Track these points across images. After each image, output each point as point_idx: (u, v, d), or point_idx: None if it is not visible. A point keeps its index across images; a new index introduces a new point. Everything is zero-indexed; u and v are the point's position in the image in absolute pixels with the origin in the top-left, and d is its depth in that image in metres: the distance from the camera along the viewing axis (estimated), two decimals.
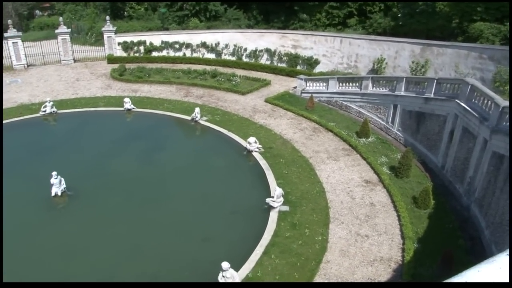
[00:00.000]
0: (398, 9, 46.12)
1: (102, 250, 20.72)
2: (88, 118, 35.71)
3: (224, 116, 35.22)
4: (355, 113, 34.75)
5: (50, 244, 21.11)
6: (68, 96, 40.28)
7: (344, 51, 43.25)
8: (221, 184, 26.23)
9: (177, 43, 51.02)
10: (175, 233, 21.91)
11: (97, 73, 47.19)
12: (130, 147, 30.81)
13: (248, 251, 19.97)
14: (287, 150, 29.67)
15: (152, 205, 24.14)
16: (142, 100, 38.97)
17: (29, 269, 19.47)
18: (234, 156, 29.49)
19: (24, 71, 47.70)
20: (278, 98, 38.26)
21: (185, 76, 44.69)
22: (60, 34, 49.38)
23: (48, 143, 31.90)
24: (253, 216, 23.03)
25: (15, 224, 22.34)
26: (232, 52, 49.73)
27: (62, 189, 24.84)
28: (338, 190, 25.01)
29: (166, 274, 19.22)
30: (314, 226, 21.81)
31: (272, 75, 45.19)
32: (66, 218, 23.55)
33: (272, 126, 33.40)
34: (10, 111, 36.56)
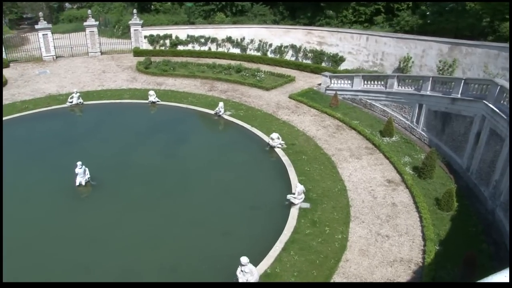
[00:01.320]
0: (426, 7, 45.36)
1: (123, 240, 21.05)
2: (113, 110, 36.25)
3: (248, 111, 35.28)
4: (379, 111, 34.41)
5: (72, 232, 21.53)
6: (94, 88, 40.91)
7: (370, 48, 42.80)
8: (242, 179, 26.33)
9: (202, 37, 51.27)
10: (195, 226, 22.08)
11: (123, 66, 47.78)
12: (153, 139, 31.14)
13: (267, 247, 20.02)
14: (310, 147, 29.58)
15: (173, 197, 24.41)
16: (166, 93, 39.31)
17: (51, 257, 19.94)
18: (256, 151, 29.54)
19: (52, 63, 48.63)
20: (302, 95, 38.14)
21: (210, 71, 44.91)
22: (88, 27, 50.18)
23: (74, 133, 32.47)
24: (274, 212, 23.06)
25: (39, 212, 22.95)
26: (257, 48, 49.72)
27: (86, 179, 25.30)
28: (359, 189, 24.85)
29: (185, 267, 19.44)
30: (335, 224, 21.74)
31: (296, 72, 45.05)
32: (89, 207, 23.98)
33: (296, 122, 33.32)
34: (39, 101, 37.40)
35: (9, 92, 39.77)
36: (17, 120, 34.01)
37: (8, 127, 32.76)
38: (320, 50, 46.07)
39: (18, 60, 48.86)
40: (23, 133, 32.31)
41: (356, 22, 51.84)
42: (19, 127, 33.10)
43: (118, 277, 18.71)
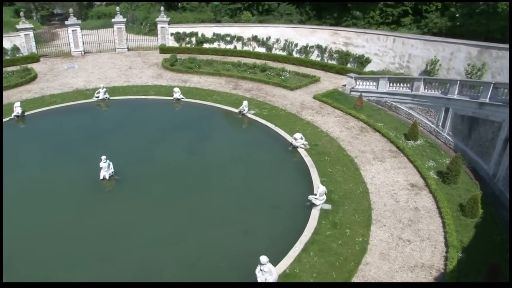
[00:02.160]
0: (456, 9, 44.65)
1: (144, 235, 21.33)
2: (139, 106, 36.69)
3: (272, 111, 35.29)
4: (405, 114, 34.02)
5: (95, 225, 21.94)
6: (120, 84, 41.50)
7: (397, 50, 42.33)
8: (264, 178, 26.35)
9: (228, 36, 51.48)
10: (216, 223, 22.22)
11: (149, 62, 48.31)
12: (177, 136, 31.43)
13: (287, 247, 20.01)
14: (333, 148, 29.43)
15: (195, 194, 24.60)
16: (191, 90, 39.59)
17: (73, 248, 20.31)
18: (279, 151, 29.53)
19: (81, 58, 49.49)
20: (326, 96, 37.96)
21: (235, 69, 45.07)
22: (116, 23, 50.90)
23: (99, 128, 33.01)
24: (295, 212, 23.04)
25: (63, 203, 23.49)
26: (283, 47, 49.67)
27: (110, 173, 25.70)
28: (382, 192, 24.63)
29: (204, 264, 19.58)
30: (356, 227, 21.60)
31: (321, 72, 44.85)
32: (111, 201, 24.39)
33: (319, 123, 33.20)
34: (66, 96, 38.16)
35: (39, 86, 40.70)
36: (45, 114, 34.82)
37: (36, 120, 33.70)
38: (346, 51, 45.77)
39: (48, 55, 49.93)
40: (50, 126, 33.05)
41: (383, 24, 51.41)
42: (47, 120, 33.90)
43: (137, 271, 19.01)
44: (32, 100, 37.10)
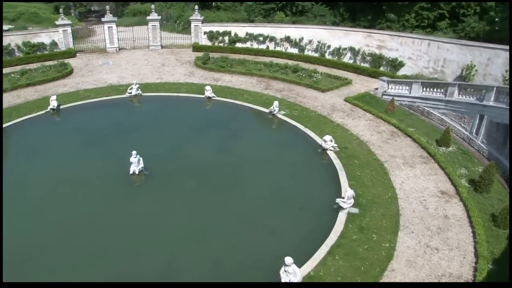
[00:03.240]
0: (495, 13, 43.47)
1: (171, 230, 21.66)
2: (170, 103, 37.22)
3: (302, 112, 35.21)
4: (437, 120, 33.44)
5: (123, 219, 22.42)
6: (153, 80, 42.11)
7: (431, 54, 41.59)
8: (292, 179, 26.34)
9: (261, 36, 51.60)
10: (242, 222, 22.36)
11: (181, 60, 48.87)
12: (207, 134, 31.71)
13: (312, 249, 19.97)
14: (363, 151, 29.18)
15: (223, 192, 24.81)
16: (222, 89, 39.86)
17: (100, 240, 20.81)
18: (308, 152, 29.46)
19: (115, 54, 50.47)
20: (358, 98, 37.63)
21: (267, 69, 45.14)
22: (151, 21, 51.73)
23: (131, 123, 33.60)
24: (321, 215, 22.96)
25: (93, 196, 24.08)
26: (315, 49, 49.46)
27: (140, 168, 26.14)
28: (411, 198, 24.28)
29: (229, 261, 19.73)
30: (383, 232, 21.37)
31: (354, 75, 44.49)
32: (140, 196, 24.80)
33: (350, 126, 32.95)
34: (100, 91, 39.04)
35: (74, 80, 41.72)
36: (79, 108, 35.74)
37: (70, 114, 34.60)
38: (379, 54, 45.25)
39: (84, 51, 51.12)
40: (83, 120, 33.88)
41: (418, 27, 50.50)
42: (81, 114, 34.78)
43: (163, 266, 19.31)
44: (67, 94, 38.09)
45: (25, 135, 31.14)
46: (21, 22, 62.13)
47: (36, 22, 62.80)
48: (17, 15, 64.34)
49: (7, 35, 47.04)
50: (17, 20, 63.12)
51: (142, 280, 18.34)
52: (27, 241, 20.52)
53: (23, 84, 39.70)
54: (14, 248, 19.93)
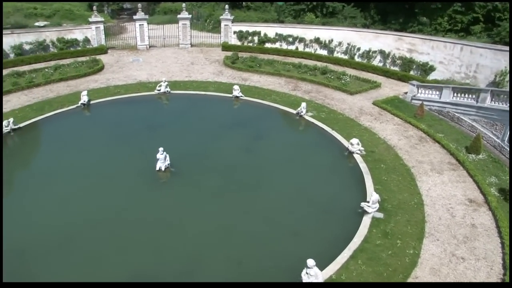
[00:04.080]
0: None
1: (194, 227, 21.87)
2: (198, 101, 37.47)
3: (330, 114, 35.02)
4: (467, 126, 32.78)
5: (147, 214, 22.74)
6: (182, 78, 42.52)
7: (464, 59, 40.77)
8: (317, 181, 26.24)
9: (290, 37, 51.49)
10: (266, 222, 22.37)
11: (211, 59, 49.18)
12: (233, 133, 31.86)
13: (335, 253, 19.86)
14: (390, 156, 28.85)
15: (248, 192, 24.89)
16: (250, 89, 39.96)
17: (124, 234, 21.18)
18: (334, 155, 29.29)
19: (145, 51, 51.16)
20: (386, 102, 37.20)
21: (295, 70, 45.05)
22: (181, 20, 52.21)
23: (158, 120, 34.04)
24: (345, 218, 22.80)
25: (119, 191, 24.52)
26: (345, 51, 49.09)
27: (166, 164, 26.42)
28: (437, 205, 23.88)
29: (251, 261, 19.80)
30: (407, 238, 21.09)
31: (383, 78, 43.98)
32: (165, 192, 25.09)
33: (377, 129, 32.62)
34: (130, 87, 39.65)
35: (105, 76, 42.49)
36: (108, 103, 36.44)
37: (100, 109, 35.25)
38: (410, 57, 44.61)
39: (115, 47, 51.99)
40: (112, 115, 34.56)
41: (451, 31, 49.65)
42: (110, 109, 35.45)
43: (185, 263, 19.57)
44: (98, 89, 38.83)
45: (56, 129, 31.99)
46: (56, 18, 63.69)
47: (70, 19, 64.22)
48: (53, 12, 65.93)
49: (42, 31, 48.40)
50: (52, 16, 64.70)
51: (164, 276, 18.59)
52: (54, 232, 21.05)
53: (56, 79, 40.73)
54: (41, 238, 20.55)
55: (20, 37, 45.94)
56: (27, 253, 19.66)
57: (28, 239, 20.50)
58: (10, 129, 30.23)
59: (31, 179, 25.73)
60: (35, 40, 46.60)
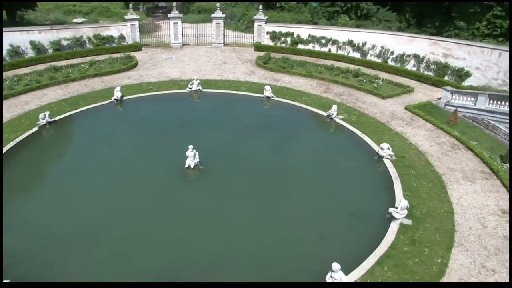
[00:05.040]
0: None
1: (220, 225, 21.99)
2: (229, 100, 37.72)
3: (361, 118, 34.69)
4: (503, 135, 31.92)
5: (175, 210, 23.04)
6: (213, 77, 42.83)
7: (502, 66, 39.70)
8: (345, 185, 26.04)
9: (323, 38, 51.20)
10: (292, 223, 22.29)
11: (243, 59, 49.39)
12: (263, 133, 31.89)
13: (361, 258, 19.63)
14: (420, 162, 28.36)
15: (275, 192, 24.88)
16: (282, 90, 39.94)
17: (151, 230, 21.49)
18: (363, 159, 28.99)
19: (179, 50, 51.80)
20: (419, 107, 36.57)
21: (327, 72, 44.80)
22: (215, 19, 52.63)
23: (189, 117, 34.44)
24: (373, 223, 22.52)
25: (148, 186, 24.87)
26: (378, 54, 48.50)
27: (195, 162, 26.64)
28: (468, 214, 23.34)
29: (276, 261, 19.76)
30: (435, 247, 20.69)
31: (416, 83, 43.28)
32: (194, 189, 25.30)
33: (409, 135, 32.13)
34: (162, 84, 40.23)
35: (138, 73, 43.21)
36: (141, 100, 37.04)
37: (132, 105, 35.93)
38: (445, 62, 43.73)
39: (149, 45, 52.85)
40: (144, 112, 35.06)
41: (489, 36, 48.51)
42: (142, 106, 35.99)
43: (210, 260, 19.66)
44: (131, 86, 39.53)
45: (89, 123, 32.79)
46: (93, 16, 65.32)
47: (107, 16, 65.73)
48: (90, 9, 67.59)
49: (80, 28, 49.75)
50: (90, 13, 66.37)
51: (188, 273, 18.78)
52: (82, 224, 21.55)
53: (91, 74, 41.68)
54: (70, 229, 21.10)
55: (59, 33, 47.24)
56: (57, 243, 20.17)
57: (57, 230, 21.05)
58: (46, 122, 31.09)
59: (63, 172, 26.51)
60: (72, 36, 47.80)
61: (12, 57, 43.83)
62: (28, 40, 45.10)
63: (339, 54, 50.19)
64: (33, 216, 22.09)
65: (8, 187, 24.29)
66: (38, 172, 26.69)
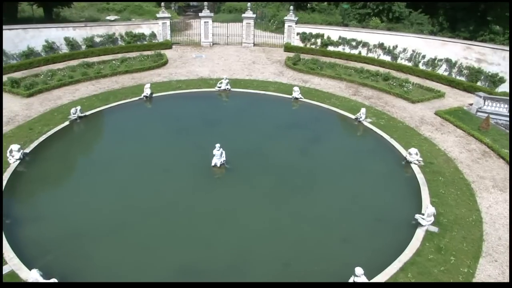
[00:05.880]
0: None
1: (244, 225, 22.09)
2: (257, 100, 37.78)
3: (389, 122, 34.26)
4: None
5: (199, 208, 23.16)
6: (242, 77, 42.97)
7: None
8: (371, 189, 25.73)
9: (354, 41, 50.74)
10: (316, 226, 22.18)
11: (272, 59, 49.39)
12: (290, 134, 31.83)
13: (384, 263, 19.39)
14: (449, 169, 27.84)
15: (299, 193, 24.80)
16: (310, 91, 39.78)
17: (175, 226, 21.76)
18: (391, 163, 28.63)
19: (208, 48, 52.15)
20: (449, 113, 35.88)
21: (357, 75, 44.42)
22: (246, 19, 52.82)
23: (217, 116, 34.55)
24: (398, 229, 22.21)
25: (173, 183, 25.23)
26: (409, 58, 47.81)
27: (222, 161, 26.76)
28: (498, 224, 22.78)
29: (298, 264, 19.70)
30: (462, 256, 20.27)
31: (447, 88, 42.50)
32: (219, 188, 25.47)
33: (438, 141, 31.57)
34: (191, 83, 40.62)
35: (168, 71, 43.71)
36: (170, 97, 37.55)
37: (161, 102, 36.37)
38: (478, 67, 42.78)
39: (179, 43, 53.42)
40: (173, 109, 35.51)
41: None
42: (171, 103, 36.50)
43: (232, 259, 19.74)
44: (160, 83, 40.02)
45: (118, 119, 33.39)
46: (126, 13, 66.40)
47: (139, 14, 66.70)
48: (123, 7, 68.68)
49: (112, 25, 50.64)
50: (123, 11, 67.47)
51: (211, 270, 18.91)
52: (109, 218, 21.99)
53: (122, 71, 42.38)
54: (97, 222, 21.53)
55: (92, 30, 48.18)
56: (83, 236, 20.58)
57: (84, 223, 21.49)
58: (77, 117, 31.77)
59: (91, 165, 27.09)
60: (105, 33, 48.68)
61: (47, 52, 44.92)
62: (63, 37, 46.13)
63: (369, 57, 49.68)
64: (61, 208, 22.63)
65: (38, 178, 25.12)
66: (67, 165, 27.31)
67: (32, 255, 19.00)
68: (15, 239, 19.85)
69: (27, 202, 23.09)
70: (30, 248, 19.57)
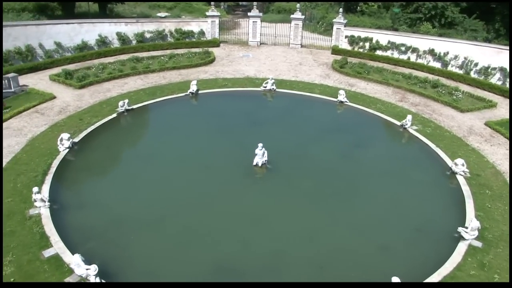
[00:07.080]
0: None
1: (280, 225, 22.04)
2: (302, 102, 37.59)
3: (436, 130, 33.35)
4: None
5: (238, 206, 23.31)
6: (288, 78, 42.88)
7: None
8: (413, 198, 25.14)
9: (403, 46, 49.65)
10: (353, 231, 21.90)
11: (319, 61, 49.04)
12: (333, 137, 31.59)
13: (422, 275, 18.88)
14: (497, 182, 26.81)
15: (339, 198, 24.61)
16: (356, 95, 39.26)
17: (212, 224, 21.89)
18: (435, 173, 27.86)
19: (256, 48, 52.34)
20: (501, 124, 34.53)
21: (405, 81, 43.46)
22: (294, 19, 52.63)
23: (260, 116, 34.66)
24: (439, 241, 21.59)
25: (215, 180, 25.44)
26: (460, 65, 46.36)
27: (264, 161, 26.81)
28: None
29: (333, 268, 19.54)
30: (507, 275, 19.43)
31: (500, 98, 40.90)
32: (259, 187, 25.58)
33: (486, 152, 30.47)
34: (237, 81, 40.92)
35: (215, 68, 44.19)
36: (215, 95, 37.96)
37: (206, 99, 36.91)
38: None
39: (227, 42, 53.84)
40: (218, 106, 35.84)
41: None
42: (216, 101, 36.87)
43: (267, 259, 19.74)
44: (206, 80, 40.50)
45: (164, 114, 34.06)
46: (176, 10, 67.58)
47: (189, 12, 67.73)
48: (174, 4, 69.93)
49: (163, 22, 51.78)
50: (173, 8, 68.70)
51: (245, 269, 19.01)
52: (149, 211, 22.47)
53: (170, 67, 43.18)
54: (136, 213, 22.09)
55: (143, 26, 49.36)
56: (124, 225, 21.18)
57: (125, 213, 22.12)
58: (124, 109, 32.63)
59: (135, 157, 27.84)
60: (155, 30, 49.74)
61: (100, 46, 46.43)
62: (115, 31, 47.54)
63: (418, 63, 48.48)
64: (105, 197, 23.37)
65: (85, 167, 26.05)
66: (112, 156, 28.14)
67: (75, 240, 19.67)
68: (61, 224, 20.71)
69: (73, 189, 24.01)
70: (74, 234, 20.29)
